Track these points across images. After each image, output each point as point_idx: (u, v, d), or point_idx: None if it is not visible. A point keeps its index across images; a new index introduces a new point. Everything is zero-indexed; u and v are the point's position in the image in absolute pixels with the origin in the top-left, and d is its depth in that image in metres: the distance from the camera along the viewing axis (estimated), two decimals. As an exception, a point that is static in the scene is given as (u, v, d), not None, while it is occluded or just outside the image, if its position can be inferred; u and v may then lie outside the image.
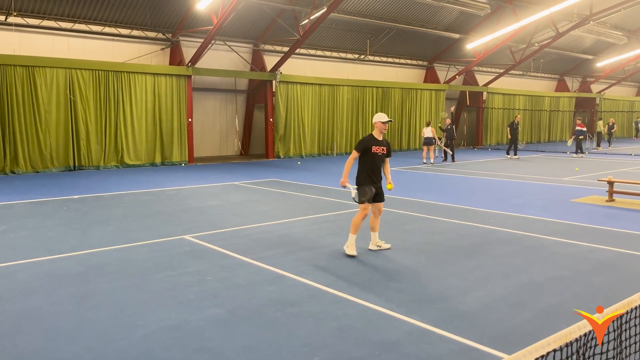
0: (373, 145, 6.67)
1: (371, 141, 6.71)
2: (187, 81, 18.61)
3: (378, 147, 6.70)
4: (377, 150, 6.69)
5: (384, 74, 26.04)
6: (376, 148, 6.68)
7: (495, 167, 18.60)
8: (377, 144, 6.71)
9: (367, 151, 6.67)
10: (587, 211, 10.12)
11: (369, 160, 6.69)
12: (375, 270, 6.21)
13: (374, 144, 6.69)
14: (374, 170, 6.72)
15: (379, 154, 6.71)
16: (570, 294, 5.42)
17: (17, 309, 4.93)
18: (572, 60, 33.57)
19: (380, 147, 6.73)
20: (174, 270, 6.15)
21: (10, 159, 15.29)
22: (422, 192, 12.50)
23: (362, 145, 6.70)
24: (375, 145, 6.69)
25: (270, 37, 21.04)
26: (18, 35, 15.78)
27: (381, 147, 6.73)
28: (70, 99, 16.20)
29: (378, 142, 6.72)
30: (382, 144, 6.76)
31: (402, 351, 4.10)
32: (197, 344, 4.23)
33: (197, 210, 10.10)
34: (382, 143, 6.77)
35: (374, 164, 6.70)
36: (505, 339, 4.34)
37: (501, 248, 7.27)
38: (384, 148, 6.78)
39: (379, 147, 6.71)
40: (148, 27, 18.27)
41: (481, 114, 29.48)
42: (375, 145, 6.68)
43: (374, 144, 6.68)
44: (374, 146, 6.66)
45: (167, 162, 18.41)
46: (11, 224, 8.59)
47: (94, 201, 10.90)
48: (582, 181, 14.59)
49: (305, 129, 21.97)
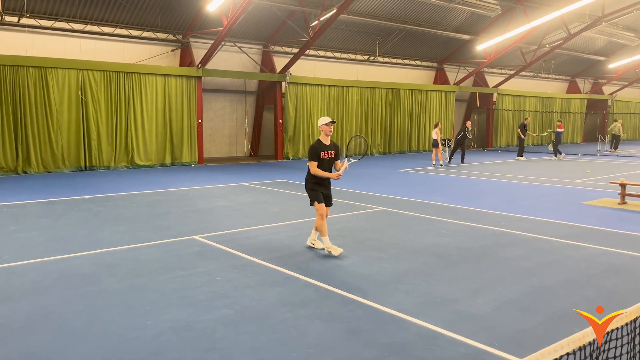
0: (322, 152, 6.81)
1: (320, 147, 6.83)
2: (197, 82, 18.70)
3: (326, 152, 6.85)
4: (325, 155, 6.84)
5: (394, 75, 26.00)
6: (325, 153, 6.83)
7: (506, 169, 18.49)
8: (325, 148, 6.85)
9: (319, 157, 6.82)
10: (598, 214, 10.03)
11: (320, 165, 6.85)
12: (385, 272, 6.19)
13: (323, 149, 6.83)
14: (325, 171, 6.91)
15: (326, 159, 6.86)
16: (581, 298, 5.38)
17: (29, 308, 4.98)
18: (584, 62, 33.31)
19: (328, 152, 6.87)
20: (184, 271, 6.18)
21: (23, 159, 15.45)
22: (432, 194, 12.45)
23: (313, 153, 6.82)
24: (324, 150, 6.83)
25: (280, 39, 21.09)
26: (30, 36, 15.95)
27: (329, 152, 6.88)
28: (82, 99, 16.34)
29: (326, 147, 6.86)
30: (329, 147, 6.89)
31: (412, 354, 4.08)
32: (207, 344, 4.24)
33: (207, 210, 10.14)
34: (329, 147, 6.89)
35: (325, 167, 6.88)
36: (516, 342, 4.31)
37: (511, 250, 7.22)
38: (332, 152, 6.91)
39: (327, 152, 6.86)
40: (159, 29, 18.38)
41: (491, 116, 29.33)
42: (323, 150, 6.83)
43: (323, 150, 6.83)
44: (322, 152, 6.81)
45: (177, 162, 18.50)
46: (23, 224, 8.68)
47: (105, 201, 10.98)
48: (593, 183, 14.46)
49: (315, 130, 21.97)
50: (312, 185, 6.93)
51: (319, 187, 6.92)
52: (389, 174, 16.71)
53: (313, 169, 6.84)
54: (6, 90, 15.03)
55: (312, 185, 6.93)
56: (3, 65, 14.90)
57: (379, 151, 24.57)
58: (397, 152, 25.16)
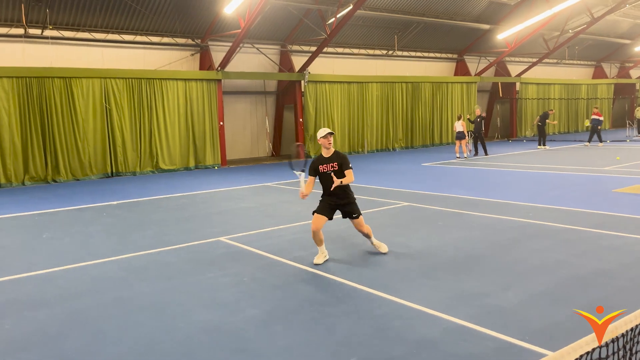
0: (320, 165, 6.47)
1: (318, 161, 6.51)
2: (217, 85, 18.88)
3: (326, 165, 6.46)
4: (325, 168, 6.46)
5: (414, 69, 25.79)
6: (324, 167, 6.47)
7: (531, 159, 18.18)
8: (325, 162, 6.47)
9: (317, 172, 6.51)
10: (630, 201, 9.78)
11: (321, 181, 6.55)
12: (411, 268, 6.16)
13: (321, 162, 6.48)
14: (328, 189, 6.50)
15: (327, 172, 6.45)
16: (614, 288, 5.25)
17: (63, 314, 5.11)
18: (609, 46, 32.48)
19: (330, 165, 6.45)
20: (212, 272, 6.25)
21: (52, 168, 15.84)
22: (456, 187, 12.32)
23: (311, 168, 6.54)
24: (323, 163, 6.47)
25: (298, 38, 21.12)
26: (54, 48, 16.32)
27: (330, 164, 6.45)
28: (106, 107, 16.66)
29: (326, 160, 6.47)
30: (331, 160, 6.47)
31: (441, 349, 4.05)
32: (236, 344, 4.28)
33: (231, 212, 10.24)
34: (331, 159, 6.47)
35: (324, 182, 6.51)
36: (548, 335, 4.24)
37: (540, 242, 7.10)
38: (335, 164, 6.45)
39: (327, 165, 6.46)
40: (178, 34, 18.61)
41: (515, 105, 28.84)
42: (322, 164, 6.47)
43: (321, 163, 6.47)
44: (320, 165, 6.47)
45: (201, 165, 18.72)
46: (55, 231, 8.90)
47: (132, 206, 11.18)
48: (624, 170, 14.10)
49: (335, 127, 21.96)
50: (321, 196, 6.68)
51: (326, 197, 6.58)
52: (412, 169, 16.59)
53: (308, 182, 6.58)
54: (33, 101, 15.42)
55: (321, 196, 6.68)
56: (29, 78, 15.29)
57: (401, 146, 24.41)
58: (419, 147, 24.96)
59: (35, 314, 5.12)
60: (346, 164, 6.48)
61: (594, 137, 22.59)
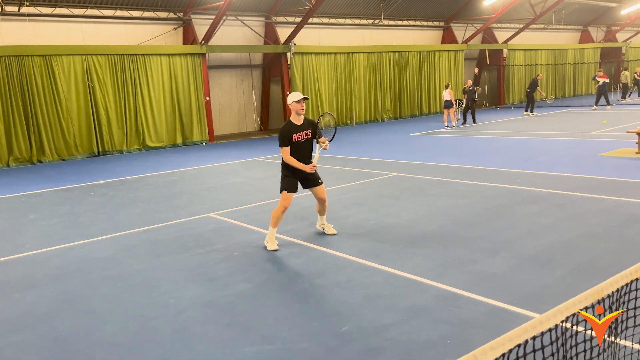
0: (294, 134, 5.88)
1: (291, 129, 5.89)
2: (201, 59, 18.56)
3: (300, 134, 5.90)
4: (299, 137, 5.89)
5: (400, 38, 25.50)
6: (297, 135, 5.88)
7: (519, 126, 18.21)
8: (298, 129, 5.90)
9: (290, 141, 5.89)
10: (616, 165, 9.86)
11: (294, 150, 5.91)
12: (401, 238, 6.19)
13: (295, 131, 5.89)
14: (301, 158, 5.96)
15: (301, 141, 5.91)
16: (602, 250, 5.32)
17: (53, 294, 5.09)
18: (596, 10, 32.27)
19: (303, 132, 5.92)
20: (202, 248, 6.24)
21: (37, 148, 15.60)
22: (445, 156, 12.33)
23: (283, 137, 5.88)
24: (296, 132, 5.89)
25: (282, 9, 20.72)
26: (32, 25, 15.88)
27: (304, 132, 5.92)
28: (89, 85, 16.34)
29: (298, 128, 5.91)
30: (303, 127, 5.93)
31: (432, 316, 4.10)
32: (228, 318, 4.30)
33: (221, 187, 10.18)
34: (303, 127, 5.93)
35: (300, 152, 5.94)
36: (537, 298, 4.29)
37: (529, 207, 7.15)
38: (308, 131, 5.95)
39: (301, 133, 5.91)
40: (159, 8, 18.16)
41: (502, 72, 28.73)
42: (296, 132, 5.89)
43: (295, 131, 5.88)
44: (294, 134, 5.88)
45: (188, 142, 18.54)
46: (42, 212, 8.81)
47: (120, 185, 11.08)
48: (610, 134, 14.19)
49: (323, 99, 21.78)
50: (286, 171, 6.04)
51: (293, 173, 6.01)
52: (400, 139, 16.56)
53: (285, 156, 5.91)
54: (13, 81, 15.06)
55: (286, 171, 6.05)
56: (8, 56, 14.90)
57: (389, 116, 24.31)
58: (407, 117, 24.88)
59: (24, 295, 5.09)
60: (317, 132, 6.05)
61: (600, 100, 22.53)
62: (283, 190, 6.01)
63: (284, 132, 5.90)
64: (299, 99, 5.84)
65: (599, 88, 22.24)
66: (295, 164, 5.90)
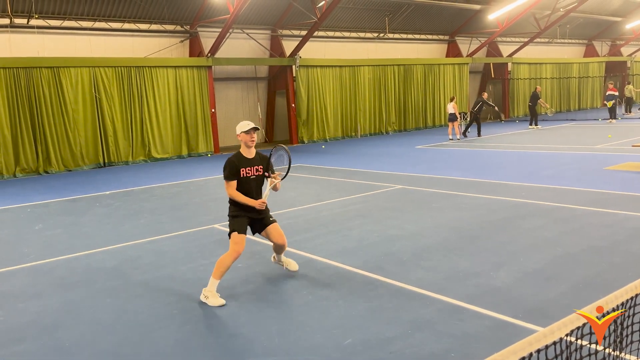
0: (242, 168, 5.08)
1: (239, 162, 5.09)
2: (207, 72, 18.70)
3: (250, 169, 5.11)
4: (249, 172, 5.11)
5: (405, 51, 25.62)
6: (247, 170, 5.10)
7: (524, 139, 18.20)
8: (248, 163, 5.12)
9: (237, 175, 5.09)
10: (621, 179, 9.82)
11: (242, 187, 5.11)
12: (405, 250, 6.17)
13: (244, 165, 5.09)
14: (252, 197, 5.14)
15: (251, 177, 5.12)
16: (607, 265, 5.29)
17: (57, 304, 5.09)
18: (600, 24, 32.38)
19: (253, 168, 5.14)
20: (206, 259, 6.24)
21: (43, 159, 15.70)
22: (450, 168, 12.33)
23: (230, 170, 5.07)
24: (245, 166, 5.10)
25: (288, 22, 20.90)
26: (41, 37, 16.08)
27: (254, 167, 5.14)
28: (96, 97, 16.48)
29: (249, 162, 5.13)
30: (254, 162, 5.16)
31: (436, 329, 4.07)
32: (231, 330, 4.29)
33: (225, 199, 10.15)
34: (254, 161, 5.16)
35: (250, 189, 5.14)
36: (541, 312, 4.27)
37: (533, 221, 7.12)
38: (259, 167, 5.18)
39: (251, 168, 5.12)
40: (166, 21, 18.36)
41: (507, 86, 28.79)
42: (245, 166, 5.10)
43: (244, 165, 5.09)
44: (242, 168, 5.08)
45: (194, 153, 18.62)
46: (48, 222, 8.85)
47: (125, 196, 11.12)
48: (615, 148, 14.15)
49: (328, 112, 21.86)
50: (234, 210, 5.15)
51: (243, 211, 5.11)
52: (405, 152, 16.58)
53: (230, 191, 5.08)
54: (21, 92, 15.22)
55: (233, 210, 5.15)
56: (16, 68, 15.08)
57: (394, 129, 24.35)
58: (412, 129, 24.91)
59: (28, 305, 5.10)
60: (271, 168, 5.31)
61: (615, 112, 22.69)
62: (233, 232, 5.03)
63: (231, 164, 5.06)
64: (247, 129, 5.04)
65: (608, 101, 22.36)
66: (242, 199, 5.04)
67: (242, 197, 5.08)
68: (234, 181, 5.09)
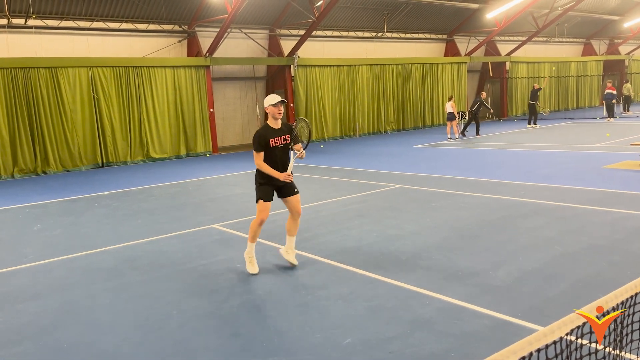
0: (270, 138, 5.44)
1: (267, 133, 5.44)
2: (206, 72, 18.68)
3: (278, 138, 5.48)
4: (277, 142, 5.47)
5: (403, 51, 25.63)
6: (275, 140, 5.46)
7: (523, 138, 18.21)
8: (275, 134, 5.47)
9: (266, 146, 5.45)
10: (620, 177, 9.83)
11: (269, 157, 5.49)
12: (404, 250, 6.17)
13: (271, 135, 5.45)
14: (277, 166, 5.52)
15: (279, 146, 5.49)
16: (606, 263, 5.29)
17: (56, 305, 5.08)
18: (598, 23, 32.41)
19: (281, 137, 5.50)
20: (205, 260, 6.23)
21: (41, 159, 15.67)
22: (448, 168, 12.33)
23: (259, 141, 5.43)
24: (273, 136, 5.46)
25: (286, 22, 20.89)
26: (38, 37, 16.05)
27: (282, 137, 5.50)
28: (94, 97, 16.46)
29: (276, 132, 5.48)
30: (281, 132, 5.52)
31: (435, 328, 4.07)
32: (230, 330, 4.28)
33: (224, 199, 10.20)
34: (281, 131, 5.52)
35: (276, 158, 5.51)
36: (541, 311, 4.27)
37: (532, 220, 7.13)
38: (286, 136, 5.54)
39: (279, 138, 5.49)
40: (164, 21, 18.33)
41: (505, 85, 28.81)
42: (273, 136, 5.45)
43: (272, 136, 5.44)
44: (271, 139, 5.44)
45: (192, 153, 18.60)
46: (46, 223, 8.83)
47: (124, 196, 11.10)
48: (613, 147, 14.17)
49: (327, 111, 21.86)
50: (260, 179, 5.57)
51: (270, 180, 5.53)
52: (404, 151, 16.58)
53: (258, 162, 5.44)
54: (19, 92, 15.19)
55: (260, 178, 5.57)
56: (14, 68, 15.04)
57: (393, 128, 24.36)
58: (411, 128, 24.92)
59: (27, 305, 5.09)
60: (296, 137, 5.68)
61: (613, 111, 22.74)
62: (259, 199, 5.51)
63: (260, 135, 5.42)
64: (275, 102, 5.40)
65: (607, 100, 22.37)
66: (269, 171, 5.43)
67: (269, 170, 5.46)
68: (262, 152, 5.46)
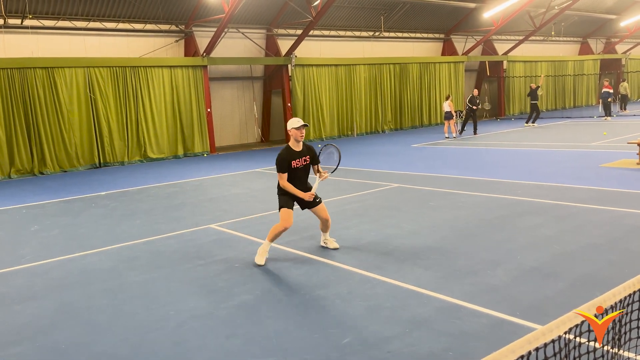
0: (292, 160, 5.84)
1: (289, 155, 5.85)
2: (203, 71, 18.65)
3: (299, 160, 5.87)
4: (298, 163, 5.87)
5: (401, 50, 25.63)
6: (297, 162, 5.86)
7: (520, 137, 18.24)
8: (297, 156, 5.87)
9: (288, 168, 5.87)
10: (617, 175, 9.85)
11: (291, 175, 5.90)
12: (403, 249, 6.17)
13: (293, 157, 5.85)
14: (298, 183, 5.95)
15: (300, 167, 5.90)
16: (605, 262, 5.30)
17: (53, 306, 5.06)
18: (595, 22, 32.47)
19: (302, 159, 5.90)
20: (203, 260, 6.22)
21: (38, 160, 15.63)
22: (446, 167, 12.34)
23: (282, 164, 5.83)
24: (295, 158, 5.86)
25: (283, 21, 20.87)
26: (35, 37, 16.00)
27: (302, 159, 5.91)
28: (91, 97, 16.42)
29: (297, 154, 5.88)
30: (302, 154, 5.91)
31: (434, 328, 4.07)
32: (228, 330, 4.27)
33: (222, 199, 10.18)
34: (302, 153, 5.91)
35: (297, 177, 5.93)
36: (539, 310, 4.27)
37: (530, 219, 7.13)
38: (307, 157, 5.94)
39: (300, 159, 5.88)
40: (161, 20, 18.30)
41: (502, 84, 28.84)
42: (294, 158, 5.85)
43: (293, 158, 5.85)
44: (293, 161, 5.84)
45: (190, 153, 18.58)
46: (44, 223, 8.80)
47: (121, 196, 11.08)
48: (611, 145, 14.20)
49: (324, 111, 21.85)
50: (282, 190, 5.99)
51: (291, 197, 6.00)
52: (402, 150, 16.59)
53: (282, 182, 5.87)
54: (15, 92, 15.14)
55: (282, 190, 6.00)
56: (10, 69, 14.99)
57: (390, 128, 24.36)
58: (408, 128, 24.93)
59: (24, 306, 5.07)
60: (315, 158, 6.09)
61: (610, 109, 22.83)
62: (282, 208, 5.90)
63: (283, 159, 5.82)
64: (298, 126, 5.80)
65: (603, 98, 22.44)
66: (294, 191, 5.85)
67: (293, 189, 5.87)
68: (286, 173, 5.87)
